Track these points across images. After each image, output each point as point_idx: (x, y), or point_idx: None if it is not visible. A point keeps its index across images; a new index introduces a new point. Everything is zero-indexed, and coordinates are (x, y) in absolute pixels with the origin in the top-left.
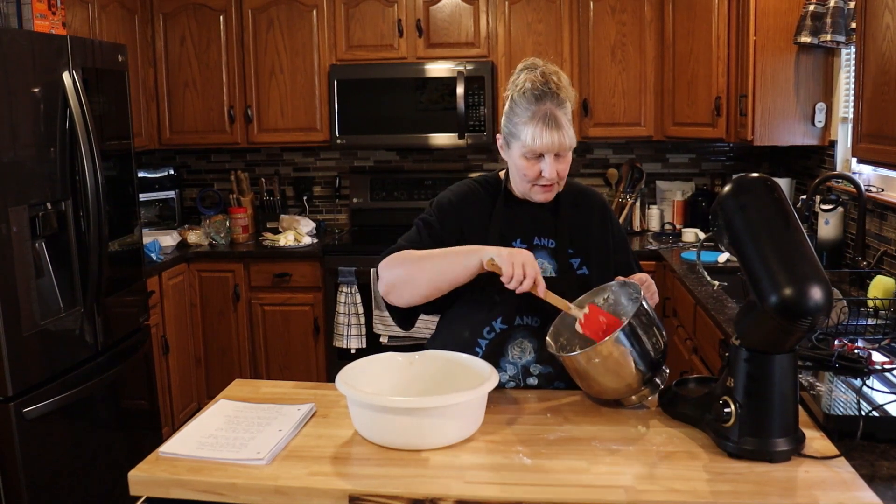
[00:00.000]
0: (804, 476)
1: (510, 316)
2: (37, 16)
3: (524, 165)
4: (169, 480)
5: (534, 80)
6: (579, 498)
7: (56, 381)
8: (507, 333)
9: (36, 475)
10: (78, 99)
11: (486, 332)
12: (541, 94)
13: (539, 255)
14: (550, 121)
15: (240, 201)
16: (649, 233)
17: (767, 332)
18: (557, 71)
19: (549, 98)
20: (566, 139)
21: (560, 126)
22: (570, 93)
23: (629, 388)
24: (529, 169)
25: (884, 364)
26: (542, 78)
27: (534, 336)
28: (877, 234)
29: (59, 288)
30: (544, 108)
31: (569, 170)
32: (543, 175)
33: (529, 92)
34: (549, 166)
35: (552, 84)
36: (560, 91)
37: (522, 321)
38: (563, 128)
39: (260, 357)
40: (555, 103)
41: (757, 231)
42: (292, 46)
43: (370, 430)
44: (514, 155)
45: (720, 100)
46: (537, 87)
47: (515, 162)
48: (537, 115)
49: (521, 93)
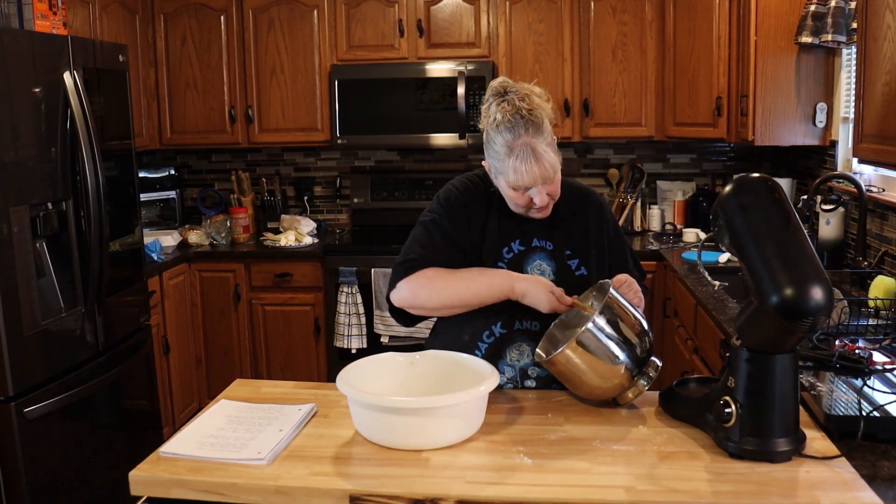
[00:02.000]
0: (805, 476)
1: (509, 320)
2: (38, 16)
3: (514, 195)
4: (169, 480)
5: (504, 112)
6: (580, 498)
7: (57, 381)
8: (507, 337)
9: (37, 475)
10: (79, 99)
11: (485, 336)
12: (514, 125)
13: (538, 256)
14: (529, 155)
15: (240, 201)
16: (650, 233)
17: (768, 332)
18: (527, 94)
19: (523, 126)
20: (548, 169)
21: (539, 158)
22: (544, 110)
23: (619, 385)
24: (520, 199)
25: (885, 364)
26: (511, 108)
27: (532, 340)
28: (878, 234)
29: (60, 288)
30: (521, 142)
31: (560, 185)
32: (534, 204)
33: (503, 125)
34: (538, 195)
35: (523, 111)
36: (532, 115)
37: (521, 325)
38: (542, 158)
39: (260, 357)
40: (530, 132)
41: (758, 231)
42: (293, 46)
43: (371, 430)
44: (503, 186)
45: (721, 100)
46: (508, 119)
47: (505, 192)
48: (515, 150)
49: (495, 126)
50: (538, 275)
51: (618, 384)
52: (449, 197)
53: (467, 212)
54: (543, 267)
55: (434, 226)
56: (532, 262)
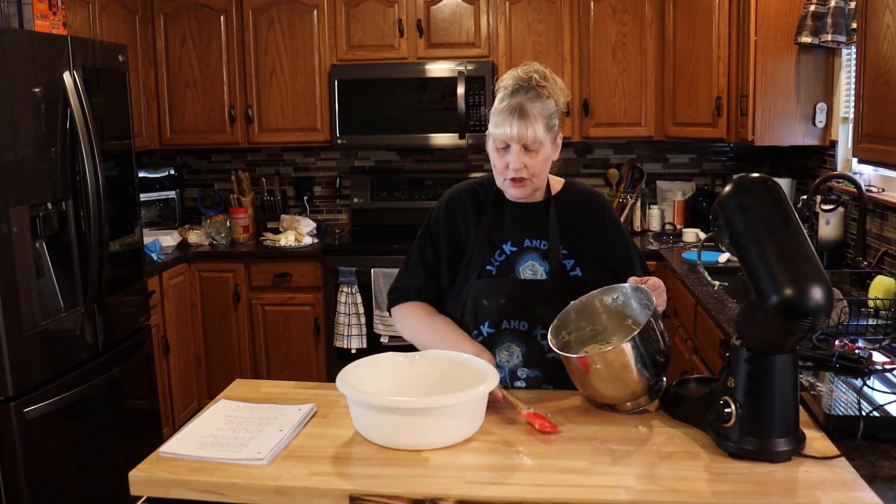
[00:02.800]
0: (805, 476)
1: (497, 320)
2: (37, 16)
3: (494, 157)
4: (169, 480)
5: (516, 77)
6: (579, 498)
7: (56, 381)
8: (495, 337)
9: (36, 475)
10: (78, 99)
11: (473, 336)
12: (517, 89)
13: (530, 257)
14: (517, 111)
15: (240, 201)
16: (650, 233)
17: (768, 332)
18: (546, 73)
19: (525, 92)
20: (529, 131)
21: (526, 117)
22: (555, 90)
23: (632, 395)
24: (498, 160)
25: (884, 364)
26: (524, 74)
27: (521, 340)
28: (877, 234)
29: (60, 288)
30: (517, 101)
31: (542, 166)
32: (509, 167)
33: (511, 87)
34: (514, 157)
35: (533, 80)
36: (539, 87)
37: (510, 325)
38: (529, 119)
39: (260, 357)
40: (529, 97)
41: (757, 231)
42: (293, 46)
43: (371, 430)
44: (490, 148)
45: (721, 100)
46: (516, 83)
47: (490, 155)
48: (508, 106)
49: (503, 87)
50: (530, 275)
51: (629, 394)
52: (431, 218)
53: (449, 225)
54: (536, 267)
55: (419, 251)
56: (524, 263)
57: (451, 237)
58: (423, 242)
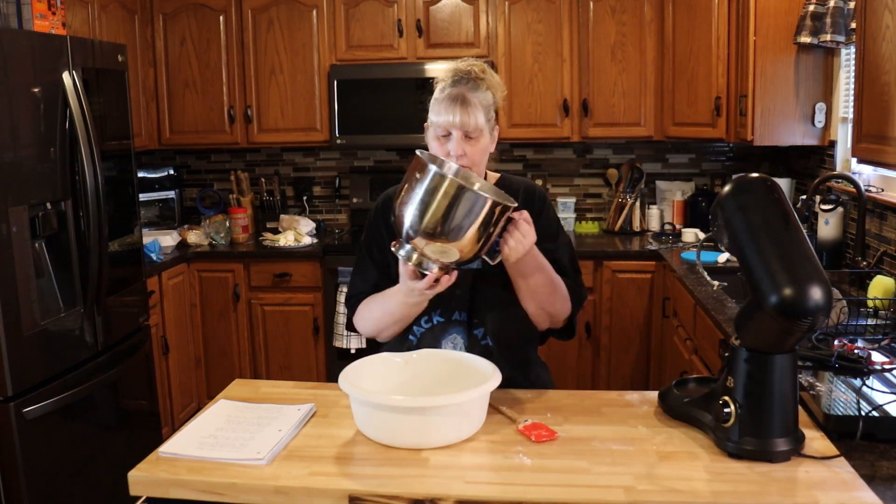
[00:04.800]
0: (804, 476)
1: (449, 310)
2: (37, 16)
3: (435, 146)
4: (169, 480)
5: (455, 69)
6: (579, 498)
7: (56, 381)
8: (444, 327)
9: (36, 475)
10: (78, 99)
11: (423, 322)
12: (458, 80)
13: None
14: (459, 100)
15: (240, 201)
16: (649, 233)
17: (767, 332)
18: (485, 66)
19: (465, 83)
20: (471, 118)
21: (467, 105)
22: (493, 83)
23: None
24: (439, 148)
25: (884, 364)
26: (464, 67)
27: (466, 332)
28: (877, 234)
29: (59, 288)
30: (458, 91)
31: (480, 155)
32: (450, 154)
33: (451, 77)
34: (455, 144)
35: (473, 72)
36: (479, 79)
37: (460, 317)
38: (470, 107)
39: (260, 357)
40: (469, 87)
41: (757, 231)
42: (292, 46)
43: (374, 430)
44: (429, 137)
45: (720, 100)
46: (457, 74)
47: (430, 144)
48: (450, 95)
49: (443, 79)
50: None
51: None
52: (376, 215)
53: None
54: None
55: (366, 251)
56: None
57: (391, 235)
58: (368, 244)
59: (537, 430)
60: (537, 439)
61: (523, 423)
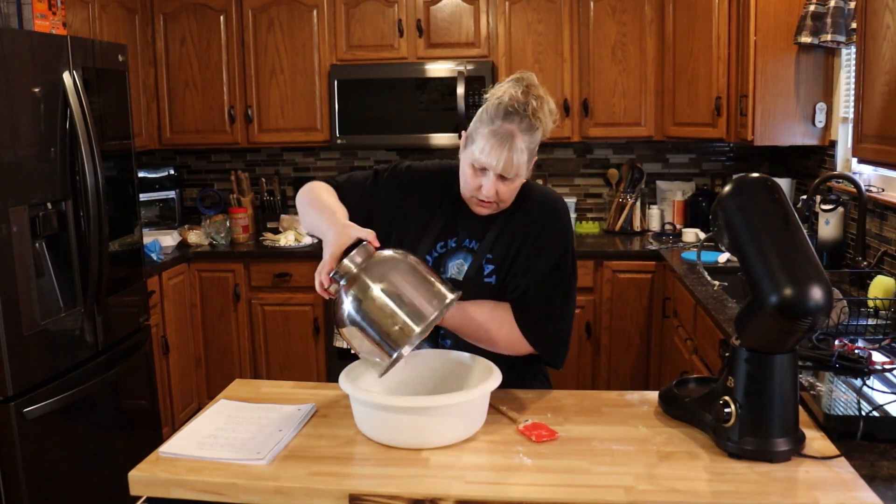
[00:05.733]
0: (804, 476)
1: None
2: (37, 16)
3: (468, 173)
4: (169, 480)
5: (513, 96)
6: (579, 498)
7: (56, 381)
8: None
9: (36, 475)
10: (78, 99)
11: None
12: (512, 112)
13: (461, 255)
14: (506, 141)
15: (240, 201)
16: (649, 233)
17: (768, 332)
18: (543, 97)
19: (518, 119)
20: (513, 165)
21: (513, 149)
22: (545, 122)
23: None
24: (471, 179)
25: (884, 364)
26: (522, 97)
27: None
28: (877, 234)
29: (60, 288)
30: (508, 128)
31: (512, 197)
32: (482, 191)
33: (503, 106)
34: (489, 183)
35: (529, 107)
36: (533, 116)
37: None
38: (515, 152)
39: (260, 357)
40: (522, 126)
41: (757, 231)
42: (292, 46)
43: (374, 430)
44: (465, 159)
45: (720, 100)
46: (512, 105)
47: (463, 166)
48: (498, 131)
49: (497, 103)
50: (454, 273)
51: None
52: (400, 169)
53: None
54: (462, 266)
55: (373, 178)
56: (455, 260)
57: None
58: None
59: (537, 430)
60: (537, 439)
61: (523, 423)
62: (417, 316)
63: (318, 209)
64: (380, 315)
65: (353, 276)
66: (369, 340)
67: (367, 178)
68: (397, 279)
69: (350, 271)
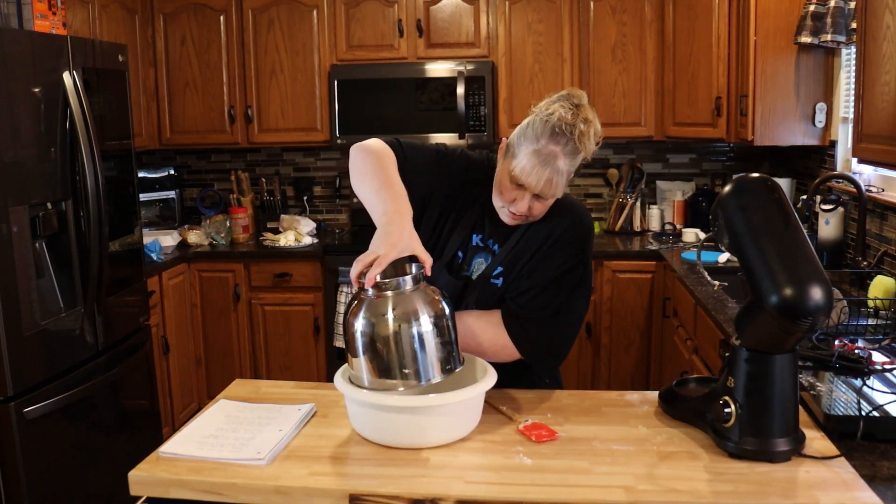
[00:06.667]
0: (805, 476)
1: None
2: (37, 16)
3: (504, 184)
4: (169, 480)
5: (562, 117)
6: (579, 498)
7: (56, 381)
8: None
9: (36, 475)
10: (78, 99)
11: None
12: (558, 134)
13: (482, 255)
14: (549, 163)
15: (240, 201)
16: (650, 233)
17: (768, 332)
18: (592, 120)
19: (564, 142)
20: (552, 186)
21: (555, 172)
22: (589, 147)
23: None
24: (506, 190)
25: (884, 364)
26: (570, 119)
27: None
28: (877, 234)
29: (60, 288)
30: (552, 149)
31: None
32: (515, 205)
33: (550, 125)
34: (524, 201)
35: (577, 130)
36: (579, 141)
37: None
38: (554, 174)
39: (260, 357)
40: (566, 149)
41: (757, 231)
42: (292, 46)
43: (368, 429)
44: (503, 169)
45: (720, 100)
46: (560, 126)
47: (500, 175)
48: (542, 151)
49: (545, 121)
50: (475, 271)
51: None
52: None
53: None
54: (481, 266)
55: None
56: (478, 259)
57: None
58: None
59: (537, 430)
60: (537, 439)
61: (523, 422)
62: (425, 373)
63: (382, 186)
64: (397, 349)
65: (397, 295)
66: (366, 357)
67: (430, 158)
68: (428, 328)
69: (395, 288)
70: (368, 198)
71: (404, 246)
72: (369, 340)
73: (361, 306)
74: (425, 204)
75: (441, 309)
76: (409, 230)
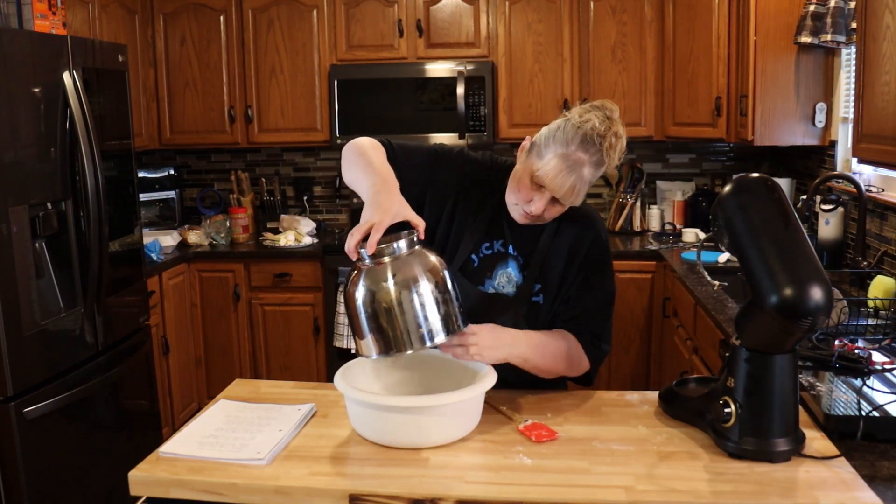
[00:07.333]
0: (805, 476)
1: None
2: (37, 16)
3: (524, 182)
4: (169, 480)
5: (595, 127)
6: (579, 498)
7: (56, 381)
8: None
9: (36, 475)
10: (78, 99)
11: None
12: (589, 142)
13: (511, 264)
14: (576, 169)
15: (240, 201)
16: (650, 233)
17: (768, 332)
18: (621, 136)
19: (593, 151)
20: (573, 193)
21: (579, 180)
22: (613, 160)
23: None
24: (524, 189)
25: (884, 364)
26: (602, 130)
27: None
28: (877, 234)
29: (60, 288)
30: (580, 156)
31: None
32: (531, 205)
33: (582, 132)
34: (541, 201)
35: (606, 142)
36: (607, 154)
37: None
38: (577, 181)
39: (260, 357)
40: (593, 159)
41: (757, 231)
42: (292, 46)
43: (368, 429)
44: (524, 167)
45: (720, 100)
46: (592, 135)
47: (520, 173)
48: (571, 156)
49: (577, 126)
50: (503, 282)
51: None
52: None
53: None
54: (511, 276)
55: (432, 154)
56: (503, 269)
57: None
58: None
59: (537, 430)
60: (537, 439)
61: (523, 423)
62: (430, 335)
63: (368, 166)
64: (398, 314)
65: (394, 260)
66: (370, 327)
67: (424, 155)
68: (427, 288)
69: (391, 254)
70: (356, 178)
71: (396, 212)
72: (373, 310)
73: (360, 276)
74: (421, 204)
75: (439, 270)
76: (399, 197)
